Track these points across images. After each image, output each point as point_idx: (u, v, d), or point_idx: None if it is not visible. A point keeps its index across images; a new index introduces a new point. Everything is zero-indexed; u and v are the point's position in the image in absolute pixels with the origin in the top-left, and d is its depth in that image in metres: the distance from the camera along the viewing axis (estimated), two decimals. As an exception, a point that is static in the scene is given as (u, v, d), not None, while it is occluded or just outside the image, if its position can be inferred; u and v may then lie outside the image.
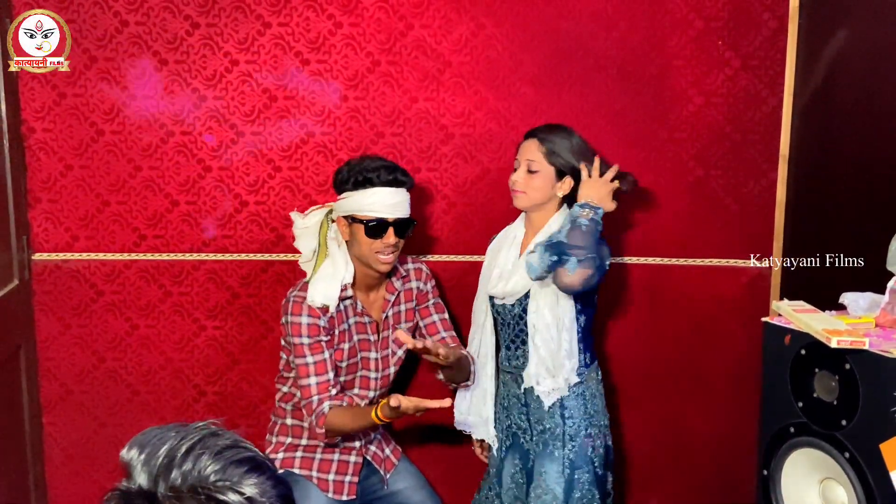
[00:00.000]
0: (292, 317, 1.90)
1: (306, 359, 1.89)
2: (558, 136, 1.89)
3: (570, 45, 2.20)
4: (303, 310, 1.89)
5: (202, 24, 2.14)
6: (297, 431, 2.01)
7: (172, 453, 0.75)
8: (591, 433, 1.90)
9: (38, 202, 2.19)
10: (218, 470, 0.74)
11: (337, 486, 1.99)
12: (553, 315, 1.86)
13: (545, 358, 1.87)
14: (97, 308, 2.24)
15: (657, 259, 2.31)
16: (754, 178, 2.27)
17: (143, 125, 2.17)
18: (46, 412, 2.27)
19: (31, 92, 2.13)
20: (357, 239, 1.90)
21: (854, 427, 1.41)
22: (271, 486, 0.75)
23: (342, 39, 2.17)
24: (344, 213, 1.91)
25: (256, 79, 2.17)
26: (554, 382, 1.87)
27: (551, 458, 1.88)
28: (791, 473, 1.57)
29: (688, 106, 2.23)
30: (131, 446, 0.77)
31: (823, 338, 1.42)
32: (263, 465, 0.77)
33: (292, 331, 1.90)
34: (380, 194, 1.87)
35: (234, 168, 2.20)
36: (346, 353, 1.96)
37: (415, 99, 2.20)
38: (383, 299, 2.03)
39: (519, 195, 1.90)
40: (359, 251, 1.91)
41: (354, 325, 1.97)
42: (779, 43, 2.20)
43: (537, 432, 1.92)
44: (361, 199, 1.87)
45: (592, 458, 1.89)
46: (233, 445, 0.76)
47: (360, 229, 1.88)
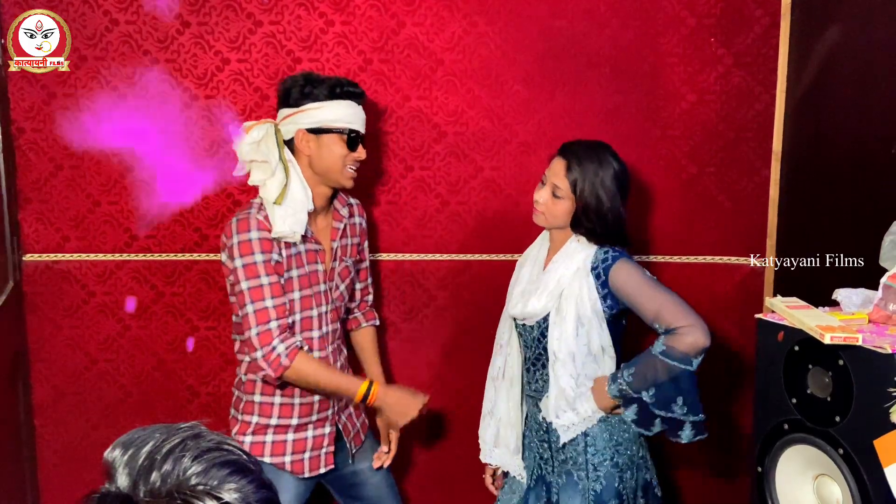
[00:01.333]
0: (239, 235, 1.70)
1: (260, 279, 1.69)
2: (590, 168, 1.73)
3: (562, 43, 2.19)
4: (251, 224, 1.71)
5: (193, 23, 2.13)
6: (265, 410, 1.83)
7: (153, 454, 0.74)
8: (618, 462, 1.74)
9: (29, 203, 2.18)
10: (199, 472, 0.72)
11: (313, 463, 1.86)
12: (578, 342, 1.73)
13: (565, 389, 1.72)
14: (89, 309, 2.23)
15: (651, 257, 2.31)
16: (747, 176, 2.27)
17: (133, 125, 2.16)
18: (38, 414, 2.26)
19: (21, 92, 2.12)
20: (328, 152, 1.77)
21: (848, 423, 1.41)
22: (254, 489, 0.74)
23: (334, 38, 2.16)
24: (311, 124, 1.76)
25: (248, 77, 2.16)
26: (575, 416, 1.73)
27: (575, 490, 1.74)
28: (785, 470, 1.56)
29: (681, 104, 2.23)
30: (115, 447, 0.76)
31: (817, 334, 1.42)
32: (247, 467, 0.75)
33: (241, 250, 1.69)
34: (353, 107, 1.79)
35: (226, 168, 2.19)
36: (296, 283, 1.78)
37: (407, 97, 2.20)
38: (331, 227, 1.89)
39: (538, 214, 1.79)
40: (325, 167, 1.78)
41: (305, 253, 1.81)
42: (771, 40, 2.20)
43: (559, 462, 1.78)
44: (337, 109, 1.76)
45: (622, 491, 1.73)
46: (216, 447, 0.75)
47: (335, 140, 1.77)
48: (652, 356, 1.67)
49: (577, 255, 1.77)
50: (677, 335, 1.66)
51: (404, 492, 2.34)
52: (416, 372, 2.30)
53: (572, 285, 1.74)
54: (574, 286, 1.74)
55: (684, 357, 1.65)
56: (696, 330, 1.65)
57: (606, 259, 1.74)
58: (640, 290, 1.70)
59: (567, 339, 1.73)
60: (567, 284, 1.75)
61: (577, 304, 1.73)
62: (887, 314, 1.48)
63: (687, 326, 1.65)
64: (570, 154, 1.76)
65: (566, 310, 1.74)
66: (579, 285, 1.74)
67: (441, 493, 2.39)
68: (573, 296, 1.74)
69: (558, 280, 1.76)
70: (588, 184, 1.72)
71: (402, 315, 2.30)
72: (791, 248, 2.20)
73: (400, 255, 2.27)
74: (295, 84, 1.79)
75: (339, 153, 1.78)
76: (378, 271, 2.28)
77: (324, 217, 1.87)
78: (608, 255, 1.75)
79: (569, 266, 1.76)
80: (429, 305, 2.30)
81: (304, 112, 1.77)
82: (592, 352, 1.74)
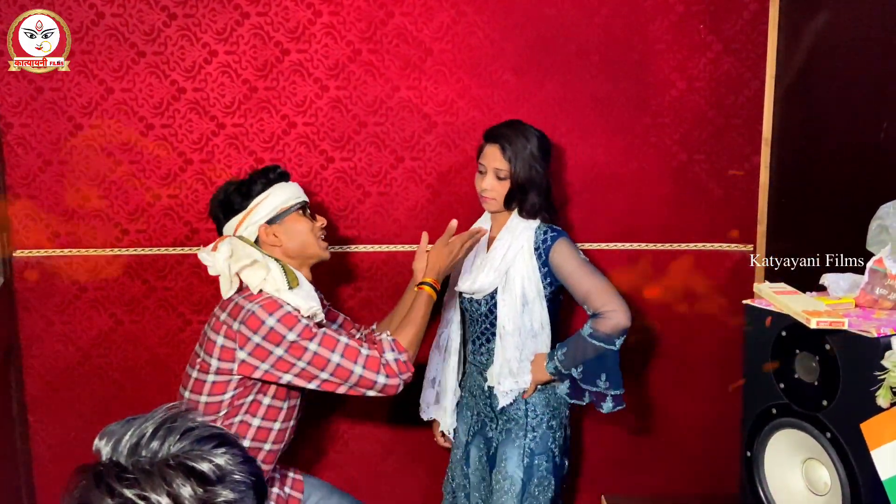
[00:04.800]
0: (271, 316, 1.64)
1: (319, 333, 1.66)
2: (518, 144, 1.87)
3: (551, 31, 2.19)
4: (279, 303, 1.68)
5: (179, 15, 2.11)
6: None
7: (139, 436, 0.75)
8: (552, 425, 1.94)
9: (18, 198, 2.17)
10: (185, 446, 0.74)
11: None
12: (523, 319, 1.90)
13: (510, 360, 1.91)
14: (81, 304, 2.23)
15: (641, 244, 2.32)
16: (738, 163, 2.27)
17: (122, 119, 2.15)
18: (32, 410, 2.26)
19: (8, 87, 2.10)
20: (294, 232, 1.80)
21: (835, 407, 1.42)
22: (241, 461, 0.76)
23: (322, 28, 2.15)
24: (268, 215, 1.78)
25: (236, 69, 2.15)
26: (514, 384, 1.92)
27: (512, 446, 1.93)
28: (774, 455, 1.58)
29: (670, 91, 2.23)
30: (101, 436, 0.77)
31: (803, 319, 1.43)
32: (231, 440, 0.77)
33: (286, 322, 1.63)
34: (291, 185, 1.85)
35: (215, 161, 2.19)
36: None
37: (397, 88, 2.19)
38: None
39: (490, 201, 1.92)
40: (299, 246, 1.81)
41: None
42: (760, 26, 2.20)
43: (502, 421, 1.97)
44: (281, 192, 1.81)
45: (552, 447, 1.94)
46: (200, 425, 0.77)
47: (295, 219, 1.81)
48: (581, 338, 1.86)
49: (521, 234, 1.91)
50: (602, 318, 1.84)
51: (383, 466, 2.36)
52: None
53: (517, 264, 1.90)
54: (519, 265, 1.90)
55: (607, 338, 1.83)
56: (618, 314, 1.83)
57: (546, 240, 1.90)
58: (574, 271, 1.87)
59: (514, 315, 1.89)
60: (512, 262, 1.90)
61: (523, 282, 1.89)
62: (873, 298, 1.49)
63: (611, 311, 1.83)
64: (499, 137, 1.90)
65: (513, 287, 1.89)
66: (524, 265, 1.89)
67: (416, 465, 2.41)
68: (519, 275, 1.89)
69: (503, 256, 1.90)
70: (520, 160, 1.87)
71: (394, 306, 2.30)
72: (781, 234, 2.21)
73: (392, 247, 2.27)
74: (229, 193, 1.81)
75: (306, 227, 1.83)
76: (370, 263, 2.28)
77: None
78: (548, 236, 1.91)
79: (512, 243, 1.91)
80: (421, 296, 2.30)
81: (255, 209, 1.79)
82: (533, 328, 1.91)
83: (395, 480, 2.41)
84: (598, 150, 2.25)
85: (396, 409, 2.36)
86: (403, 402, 2.17)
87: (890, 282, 1.46)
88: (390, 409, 2.37)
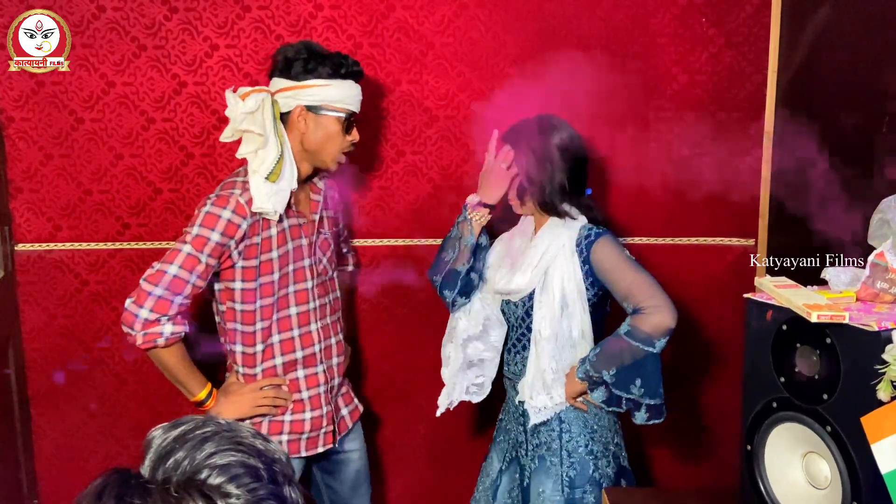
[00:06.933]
0: (213, 207, 1.64)
1: (199, 254, 1.62)
2: (526, 146, 1.77)
3: (553, 24, 2.18)
4: (229, 203, 1.64)
5: (180, 9, 2.11)
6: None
7: (177, 440, 0.73)
8: (592, 450, 1.74)
9: (20, 192, 2.17)
10: (212, 466, 0.71)
11: (310, 443, 1.83)
12: (561, 324, 1.72)
13: (545, 371, 1.72)
14: (82, 298, 2.23)
15: (643, 238, 2.31)
16: (739, 156, 2.27)
17: (123, 112, 2.15)
18: (34, 404, 2.27)
19: (9, 81, 2.10)
20: (323, 133, 1.72)
21: (835, 401, 1.42)
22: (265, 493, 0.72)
23: (323, 22, 2.15)
24: (312, 102, 1.70)
25: (237, 63, 2.14)
26: (549, 399, 1.71)
27: (548, 474, 1.73)
28: (774, 448, 1.58)
29: (672, 84, 2.23)
30: (158, 427, 0.75)
31: (804, 313, 1.43)
32: (258, 472, 0.73)
33: (204, 220, 1.62)
34: (354, 88, 1.75)
35: (217, 155, 2.19)
36: (276, 264, 1.74)
37: (398, 81, 2.19)
38: (311, 200, 1.85)
39: (517, 205, 1.84)
40: (317, 146, 1.73)
41: (289, 229, 1.76)
42: (763, 19, 2.19)
43: (533, 446, 1.78)
44: (340, 89, 1.71)
45: (598, 478, 1.72)
46: (236, 447, 0.73)
47: (332, 122, 1.73)
48: (617, 336, 1.67)
49: (562, 232, 1.77)
50: (643, 315, 1.66)
51: (399, 466, 2.37)
52: (411, 356, 2.31)
53: (557, 262, 1.73)
54: (559, 263, 1.73)
55: (647, 338, 1.65)
56: (662, 310, 1.64)
57: (589, 236, 1.75)
58: (616, 266, 1.69)
59: (552, 319, 1.72)
60: (552, 260, 1.74)
61: (563, 282, 1.72)
62: (874, 292, 1.48)
63: (654, 306, 1.65)
64: (504, 138, 1.78)
65: (552, 288, 1.73)
66: (564, 263, 1.73)
67: (432, 470, 2.41)
68: (558, 274, 1.73)
69: (542, 254, 1.75)
70: (522, 157, 1.74)
71: (396, 300, 2.31)
72: (783, 228, 2.21)
73: (393, 241, 2.27)
74: (298, 56, 1.71)
75: (334, 135, 1.74)
76: (371, 256, 2.28)
77: (302, 190, 1.82)
78: (591, 233, 1.75)
79: (553, 241, 1.76)
80: (423, 290, 2.30)
81: (306, 88, 1.70)
82: (572, 336, 1.73)
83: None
84: (599, 144, 2.25)
85: (398, 413, 2.36)
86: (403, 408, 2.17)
87: (891, 275, 1.46)
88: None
